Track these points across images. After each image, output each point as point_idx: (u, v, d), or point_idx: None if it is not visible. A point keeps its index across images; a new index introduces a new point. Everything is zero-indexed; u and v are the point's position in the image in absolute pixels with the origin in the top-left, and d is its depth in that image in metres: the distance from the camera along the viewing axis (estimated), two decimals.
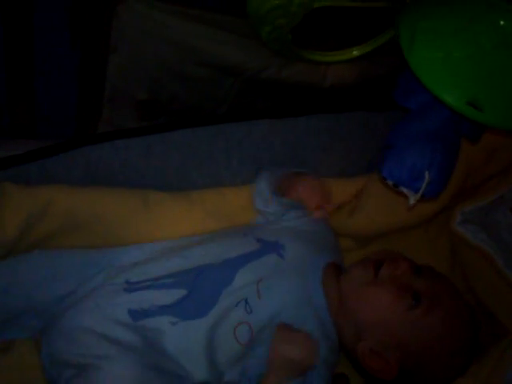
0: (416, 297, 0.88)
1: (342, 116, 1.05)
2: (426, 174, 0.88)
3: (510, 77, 0.84)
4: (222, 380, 0.87)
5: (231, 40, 1.04)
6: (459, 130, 0.92)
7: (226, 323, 0.87)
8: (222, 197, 1.00)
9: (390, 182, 0.90)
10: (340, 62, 1.09)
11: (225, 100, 1.14)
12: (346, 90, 1.13)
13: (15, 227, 0.88)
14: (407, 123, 0.92)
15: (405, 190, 0.90)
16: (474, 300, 1.02)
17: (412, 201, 0.89)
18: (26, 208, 0.89)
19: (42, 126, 1.26)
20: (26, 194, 0.90)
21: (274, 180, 1.01)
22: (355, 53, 1.08)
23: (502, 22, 0.84)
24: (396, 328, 0.88)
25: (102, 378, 0.82)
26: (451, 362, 0.91)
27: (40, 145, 0.99)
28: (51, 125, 1.29)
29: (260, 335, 0.87)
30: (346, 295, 0.91)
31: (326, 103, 1.09)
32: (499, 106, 0.84)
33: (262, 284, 0.89)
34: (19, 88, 1.18)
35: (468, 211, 1.02)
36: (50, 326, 0.90)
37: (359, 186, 1.05)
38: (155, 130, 0.98)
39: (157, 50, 1.03)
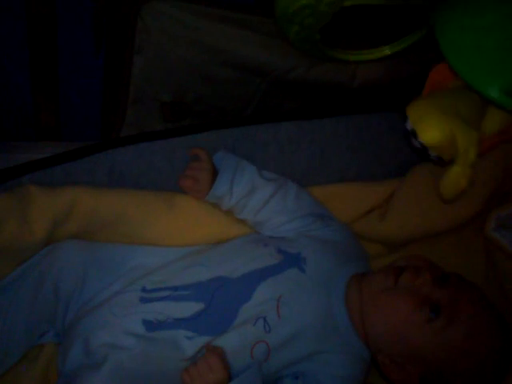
0: (435, 309, 0.84)
1: (371, 117, 1.03)
2: None
3: None
4: None
5: (258, 40, 1.02)
6: None
7: (244, 342, 0.85)
8: None
9: None
10: (370, 61, 1.07)
11: (251, 101, 1.13)
12: (375, 89, 1.11)
13: (43, 229, 0.88)
14: None
15: None
16: (510, 309, 0.97)
17: None
18: (52, 210, 0.89)
19: (66, 128, 1.26)
20: (50, 196, 0.89)
21: None
22: (387, 51, 1.06)
23: None
24: (414, 341, 0.85)
25: None
26: (478, 379, 0.87)
27: (65, 147, 0.99)
28: (76, 127, 1.29)
29: (276, 354, 0.86)
30: (365, 302, 0.89)
31: (354, 104, 1.07)
32: None
33: (282, 301, 0.87)
34: (44, 90, 1.18)
35: (504, 216, 0.98)
36: (66, 333, 0.90)
37: (390, 190, 1.03)
38: (180, 133, 0.97)
39: (182, 51, 1.02)
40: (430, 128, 0.84)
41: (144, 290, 0.88)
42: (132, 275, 0.91)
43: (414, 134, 0.84)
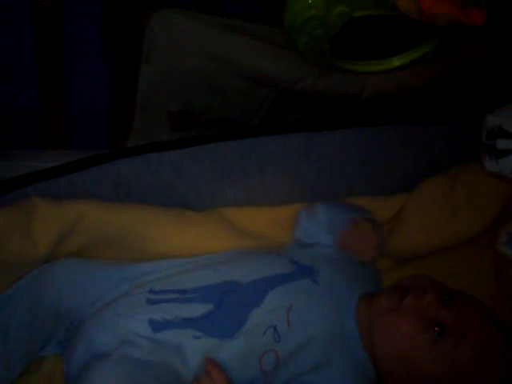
0: (440, 329, 0.83)
1: (380, 129, 1.02)
2: None
3: None
4: None
5: (266, 50, 1.02)
6: None
7: (252, 349, 0.84)
8: (257, 216, 0.98)
9: None
10: (379, 72, 1.06)
11: (259, 111, 1.12)
12: (385, 101, 1.10)
13: (47, 244, 0.87)
14: None
15: None
16: None
17: None
18: (57, 224, 0.88)
19: (73, 137, 1.26)
20: (56, 210, 0.89)
21: (332, 227, 0.96)
22: (396, 62, 1.05)
23: None
24: (420, 362, 0.84)
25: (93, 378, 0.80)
26: None
27: (71, 155, 0.99)
28: (83, 135, 1.29)
29: (285, 363, 0.85)
30: (372, 321, 0.88)
31: (363, 116, 1.06)
32: None
33: (292, 311, 0.86)
34: (51, 98, 1.18)
35: None
36: (70, 337, 0.89)
37: (398, 206, 1.02)
38: (187, 144, 0.97)
39: (189, 61, 1.02)
40: None
41: (152, 291, 0.87)
42: (139, 280, 0.90)
43: None
